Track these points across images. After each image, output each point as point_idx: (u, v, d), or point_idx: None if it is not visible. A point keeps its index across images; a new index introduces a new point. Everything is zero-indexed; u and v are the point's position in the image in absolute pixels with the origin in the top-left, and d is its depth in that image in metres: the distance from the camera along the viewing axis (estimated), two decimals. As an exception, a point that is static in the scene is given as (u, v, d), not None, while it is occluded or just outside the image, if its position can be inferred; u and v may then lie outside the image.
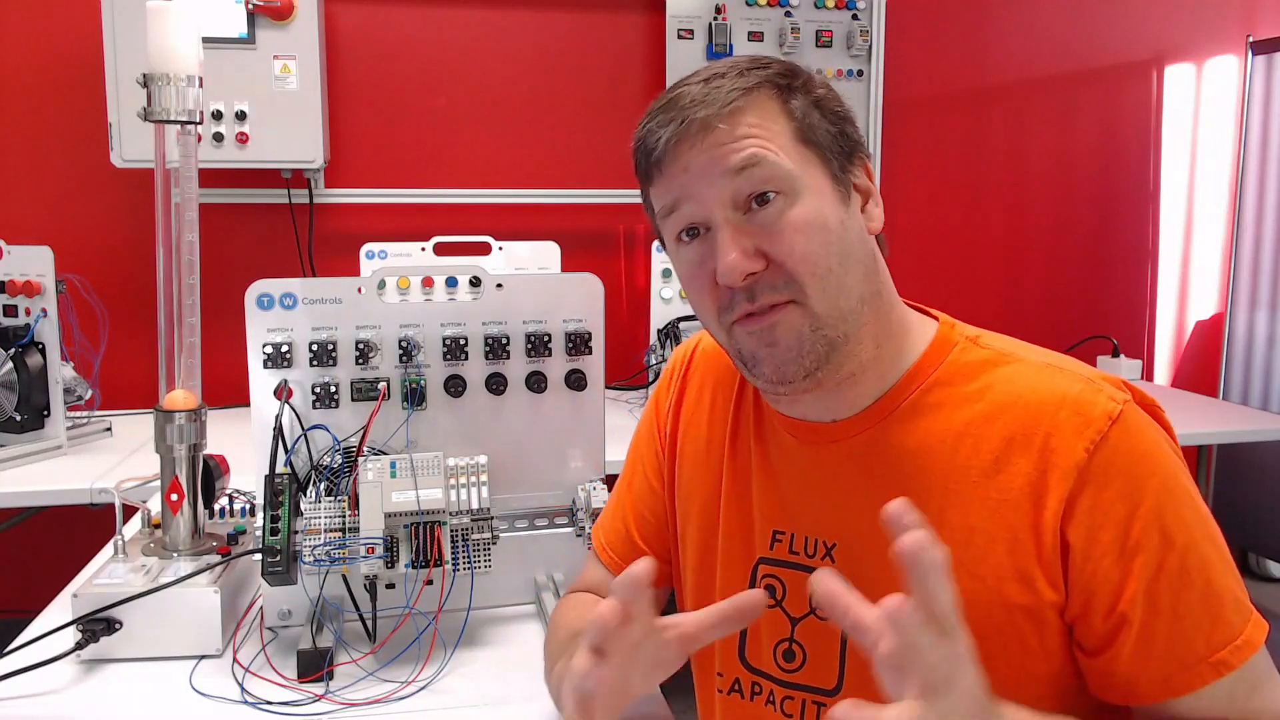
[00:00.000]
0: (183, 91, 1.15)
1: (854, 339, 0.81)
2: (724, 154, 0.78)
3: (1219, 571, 0.76)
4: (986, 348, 0.85)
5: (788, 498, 0.90)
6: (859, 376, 0.84)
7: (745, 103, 0.79)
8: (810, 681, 0.87)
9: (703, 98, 0.79)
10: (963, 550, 0.78)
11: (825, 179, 0.81)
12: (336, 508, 1.12)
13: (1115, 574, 0.75)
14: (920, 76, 3.09)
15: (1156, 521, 0.74)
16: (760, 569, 0.91)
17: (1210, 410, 2.64)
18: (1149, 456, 0.76)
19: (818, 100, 0.82)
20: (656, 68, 2.81)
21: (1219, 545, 0.77)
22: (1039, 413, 0.78)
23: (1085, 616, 0.77)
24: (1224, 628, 0.74)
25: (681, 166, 0.80)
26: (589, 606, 0.99)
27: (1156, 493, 0.75)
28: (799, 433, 0.89)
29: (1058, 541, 0.76)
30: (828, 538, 0.87)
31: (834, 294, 0.79)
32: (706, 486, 0.97)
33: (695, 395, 1.02)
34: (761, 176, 0.78)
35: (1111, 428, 0.76)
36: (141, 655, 1.12)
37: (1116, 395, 0.78)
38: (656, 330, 2.54)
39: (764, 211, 0.79)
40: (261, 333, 1.18)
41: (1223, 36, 3.30)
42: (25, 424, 2.01)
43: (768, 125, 0.79)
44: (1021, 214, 3.25)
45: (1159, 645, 0.75)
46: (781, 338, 0.80)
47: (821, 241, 0.79)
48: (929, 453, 0.82)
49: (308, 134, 2.50)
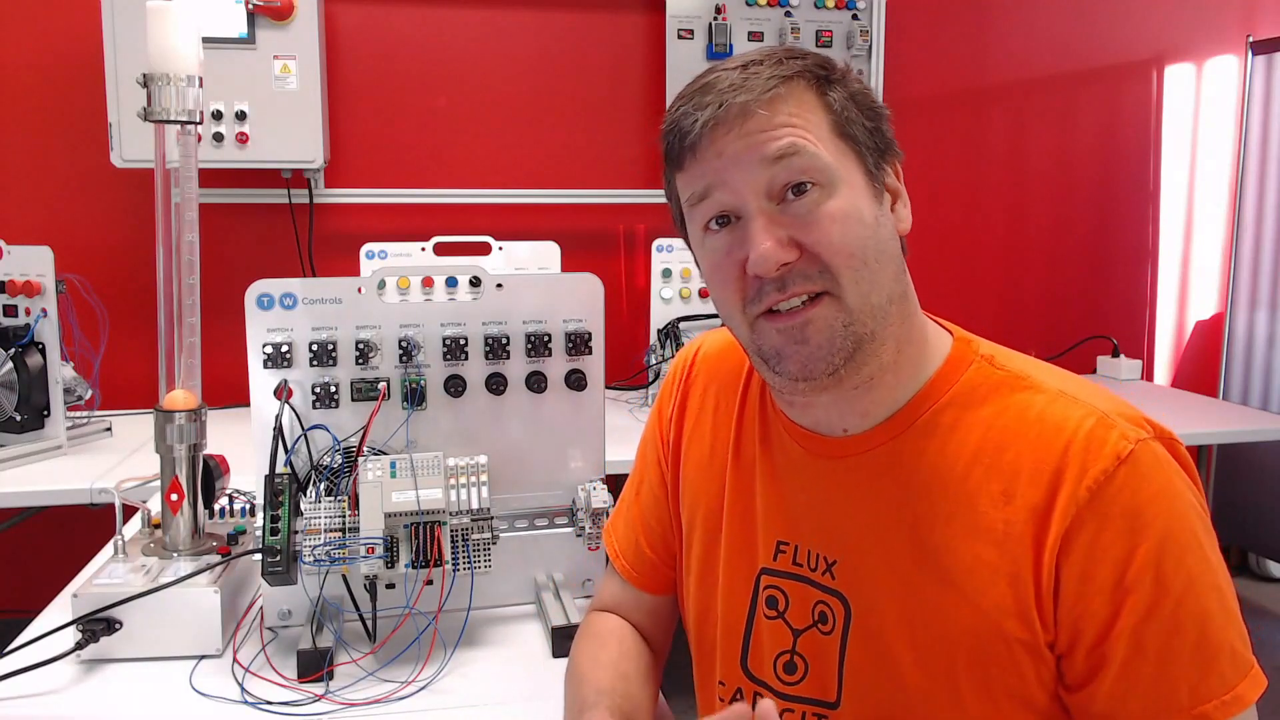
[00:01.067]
0: (183, 91, 1.15)
1: (879, 338, 0.80)
2: (762, 141, 0.76)
3: (1219, 624, 0.74)
4: (1002, 369, 0.83)
5: (793, 509, 0.89)
6: (876, 380, 0.82)
7: (784, 91, 0.77)
8: (812, 694, 0.87)
9: (741, 83, 0.77)
10: (966, 579, 0.78)
11: (860, 174, 0.79)
12: (336, 508, 1.12)
13: (1104, 612, 0.74)
14: (920, 76, 3.09)
15: (1153, 566, 0.72)
16: (763, 579, 0.90)
17: (1210, 410, 2.64)
18: (1156, 500, 0.74)
19: (854, 95, 0.81)
20: (656, 68, 2.81)
21: (1223, 596, 0.75)
22: (1051, 446, 0.76)
23: (1070, 653, 0.76)
24: (1213, 681, 0.72)
25: (716, 151, 0.78)
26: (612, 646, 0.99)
27: (1158, 537, 0.73)
28: (809, 444, 0.88)
29: (1053, 578, 0.75)
30: (829, 553, 0.86)
31: (867, 288, 0.78)
32: (710, 494, 0.96)
33: (698, 401, 1.01)
34: (800, 166, 0.76)
35: (1119, 467, 0.74)
36: (141, 655, 1.12)
37: (1129, 433, 0.75)
38: (656, 330, 2.54)
39: (799, 202, 0.77)
40: (261, 333, 1.18)
41: (1223, 36, 3.30)
42: (25, 424, 2.01)
43: (806, 115, 0.78)
44: (1021, 214, 3.25)
45: (1140, 688, 0.73)
46: (813, 335, 0.78)
47: (858, 234, 0.77)
48: (939, 476, 0.80)
49: (308, 134, 2.50)
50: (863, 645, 0.83)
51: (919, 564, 0.80)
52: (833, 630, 0.85)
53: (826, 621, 0.85)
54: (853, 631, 0.83)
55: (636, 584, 1.04)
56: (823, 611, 0.85)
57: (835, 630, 0.84)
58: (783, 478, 0.90)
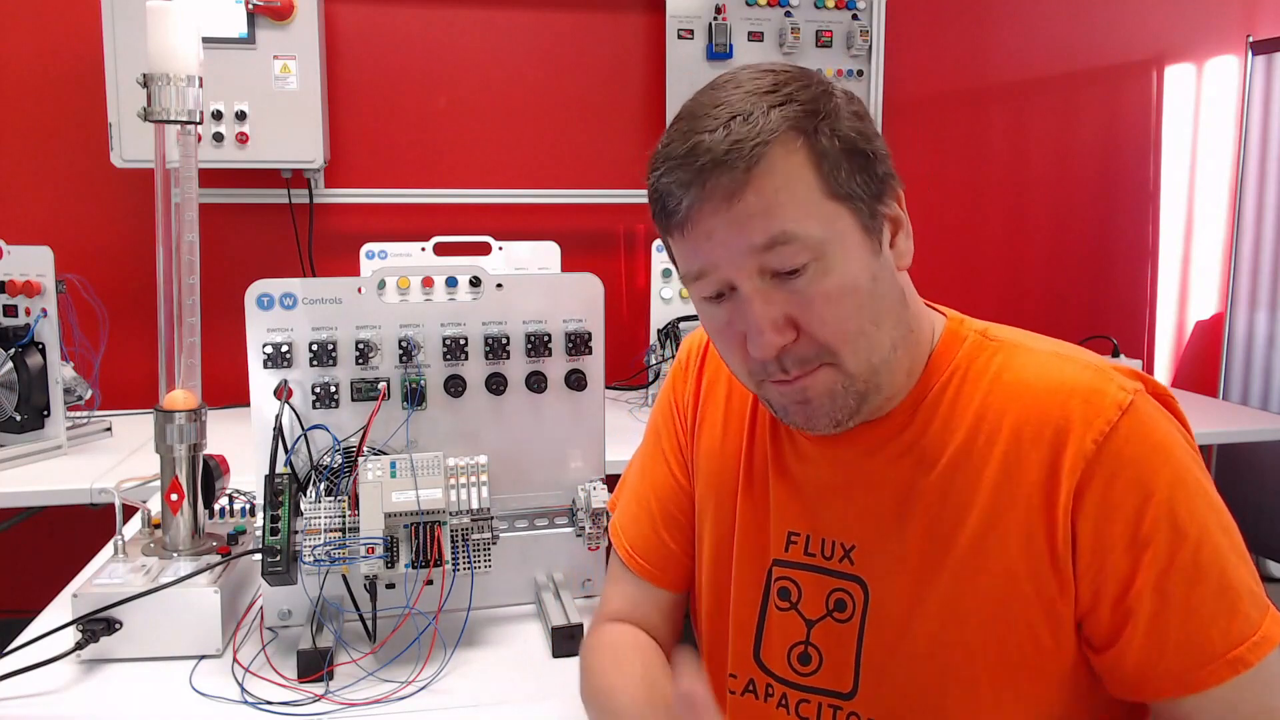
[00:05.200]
0: (183, 91, 1.15)
1: (886, 385, 0.82)
2: (750, 228, 0.74)
3: (1234, 565, 0.74)
4: (995, 339, 0.85)
5: (806, 499, 0.89)
6: (884, 405, 0.84)
7: (769, 164, 0.73)
8: (826, 685, 0.87)
9: (724, 154, 0.73)
10: (980, 549, 0.78)
11: (856, 231, 0.77)
12: (336, 508, 1.12)
13: (1124, 567, 0.74)
14: (920, 76, 3.09)
15: (1168, 514, 0.73)
16: (774, 571, 0.91)
17: (1210, 410, 2.64)
18: (1161, 447, 0.75)
19: (846, 142, 0.76)
20: (656, 68, 2.81)
21: (1234, 538, 0.75)
22: (1050, 403, 0.77)
23: (1093, 611, 0.76)
24: (1241, 622, 0.73)
25: (705, 233, 0.76)
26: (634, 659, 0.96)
27: (1168, 484, 0.74)
28: (818, 436, 0.88)
29: (1069, 535, 0.75)
30: (846, 539, 0.86)
31: (866, 354, 0.78)
32: (723, 485, 0.96)
33: (710, 388, 1.00)
34: (791, 253, 0.74)
35: (1121, 418, 0.75)
36: (141, 655, 1.12)
37: (1127, 384, 0.77)
38: (656, 330, 2.54)
39: (795, 281, 0.75)
40: (261, 333, 1.18)
41: (1223, 36, 3.30)
42: (25, 424, 2.01)
43: (794, 186, 0.74)
44: (1021, 214, 3.25)
45: (1172, 640, 0.73)
46: (814, 397, 0.79)
47: (854, 307, 0.77)
48: (947, 450, 0.81)
49: (308, 134, 2.50)
50: (880, 629, 0.84)
51: (934, 541, 0.81)
52: (851, 617, 0.85)
53: (845, 609, 0.86)
54: (870, 616, 0.84)
55: (659, 582, 1.02)
56: (840, 599, 0.86)
57: (854, 617, 0.85)
58: (794, 468, 0.91)
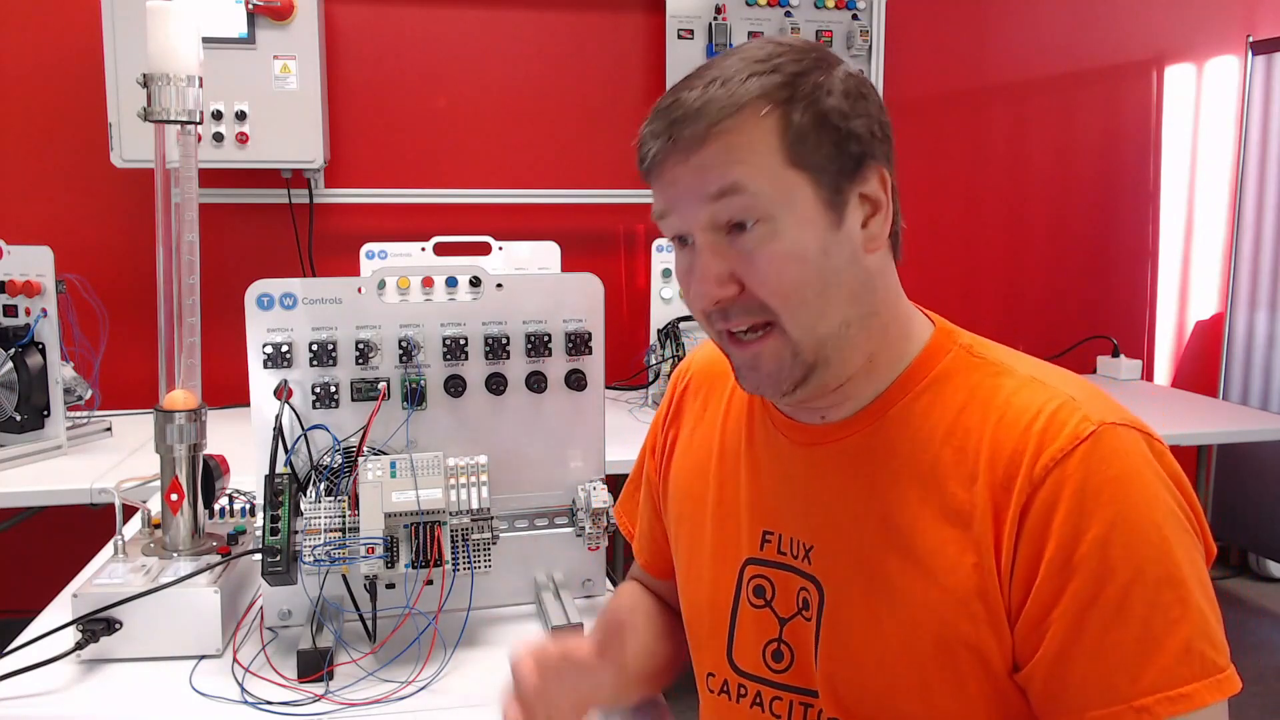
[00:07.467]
0: (183, 91, 1.15)
1: (836, 361, 0.82)
2: (705, 178, 0.77)
3: (1172, 617, 0.71)
4: (979, 357, 0.84)
5: (778, 497, 0.90)
6: (848, 388, 0.85)
7: (735, 123, 0.76)
8: (797, 683, 0.87)
9: (695, 111, 0.77)
10: (933, 561, 0.78)
11: (813, 203, 0.78)
12: (336, 508, 1.12)
13: (1047, 592, 0.73)
14: (920, 76, 3.09)
15: (1100, 550, 0.71)
16: (748, 569, 0.92)
17: (1210, 410, 2.63)
18: (1114, 483, 0.73)
19: (823, 113, 0.77)
20: (656, 68, 2.81)
21: (1181, 592, 0.71)
22: (1013, 428, 0.77)
23: (1016, 628, 0.76)
24: (1157, 674, 0.70)
25: (670, 180, 0.80)
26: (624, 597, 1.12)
27: (1109, 521, 0.72)
28: (791, 433, 0.90)
29: (1010, 557, 0.75)
30: (807, 539, 0.87)
31: (809, 322, 0.79)
32: (695, 491, 0.99)
33: (690, 404, 1.05)
34: (740, 205, 0.77)
35: (1077, 447, 0.73)
36: (141, 655, 1.12)
37: (1094, 416, 0.75)
38: (656, 330, 2.54)
39: (742, 238, 0.78)
40: (261, 333, 1.18)
41: (1223, 36, 3.30)
42: (25, 424, 2.01)
43: (755, 148, 0.76)
44: (1021, 214, 3.25)
45: (1076, 674, 0.73)
46: (764, 364, 0.82)
47: (797, 273, 0.78)
48: (912, 460, 0.81)
49: (308, 134, 2.50)
50: (833, 629, 0.84)
51: (888, 547, 0.81)
52: (812, 617, 0.86)
53: (808, 608, 0.86)
54: (825, 617, 0.84)
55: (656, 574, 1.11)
56: (805, 598, 0.87)
57: (814, 618, 0.86)
58: (767, 468, 0.92)
